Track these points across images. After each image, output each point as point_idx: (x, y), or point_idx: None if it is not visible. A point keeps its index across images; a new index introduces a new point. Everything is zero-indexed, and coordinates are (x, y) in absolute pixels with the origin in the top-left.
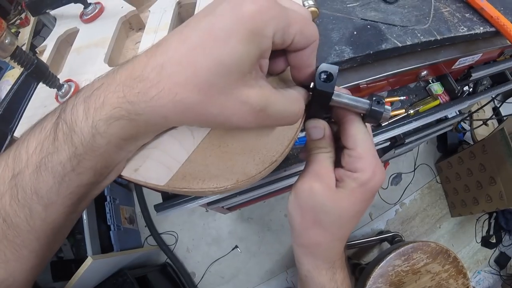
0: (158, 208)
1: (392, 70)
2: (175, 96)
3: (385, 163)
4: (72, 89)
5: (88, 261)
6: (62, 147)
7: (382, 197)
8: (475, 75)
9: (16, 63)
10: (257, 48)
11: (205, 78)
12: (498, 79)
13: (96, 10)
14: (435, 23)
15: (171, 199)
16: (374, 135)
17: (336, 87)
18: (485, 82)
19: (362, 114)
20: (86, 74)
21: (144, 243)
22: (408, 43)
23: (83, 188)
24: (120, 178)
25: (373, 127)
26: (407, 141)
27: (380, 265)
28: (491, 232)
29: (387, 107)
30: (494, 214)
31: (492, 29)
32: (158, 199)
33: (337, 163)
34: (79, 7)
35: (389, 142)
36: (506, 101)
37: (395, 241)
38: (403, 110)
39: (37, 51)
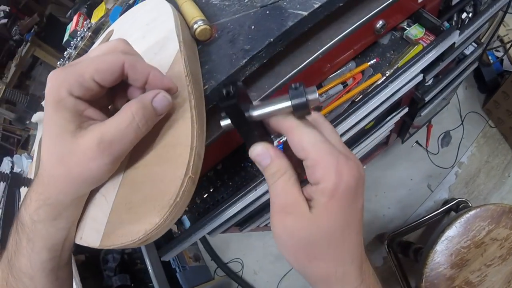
0: (161, 252)
1: (330, 41)
2: (51, 177)
3: (428, 126)
4: None
5: None
6: (21, 236)
7: (436, 164)
8: None
9: None
10: (65, 111)
11: (53, 154)
12: None
13: None
14: None
15: (170, 241)
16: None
17: (256, 102)
18: (465, 13)
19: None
20: None
21: (214, 275)
22: (317, 5)
23: (48, 263)
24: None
25: (348, 110)
26: (427, 99)
27: (434, 249)
28: None
29: (309, 89)
30: None
31: None
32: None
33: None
34: None
35: (407, 108)
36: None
37: (460, 208)
38: (379, 75)
39: (31, 155)
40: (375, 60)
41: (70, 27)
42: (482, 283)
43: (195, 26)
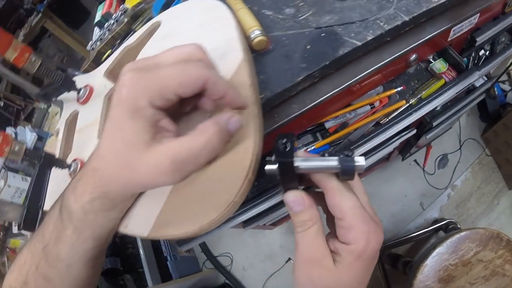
0: (181, 242)
1: (370, 68)
2: (115, 176)
3: (428, 147)
4: (79, 167)
5: None
6: (67, 224)
7: (431, 183)
8: (480, 39)
9: (29, 160)
10: (143, 120)
11: (119, 157)
12: None
13: (87, 93)
14: (401, 3)
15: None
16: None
17: (303, 153)
18: (503, 39)
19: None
20: (88, 152)
21: (203, 267)
22: (370, 38)
23: (90, 251)
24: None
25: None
26: (435, 123)
27: (425, 263)
28: None
29: (358, 158)
30: None
31: None
32: None
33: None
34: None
35: (415, 129)
36: None
37: (449, 229)
38: (404, 102)
39: (53, 134)
40: (401, 87)
41: (103, 8)
42: None
43: (252, 36)
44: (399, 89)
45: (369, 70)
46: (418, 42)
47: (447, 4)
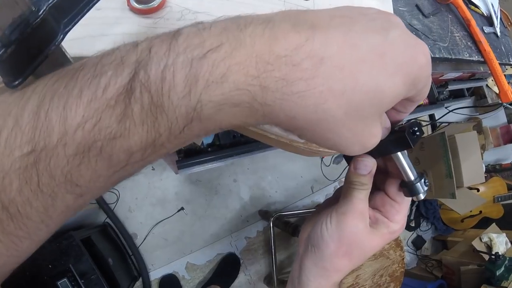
0: (180, 165)
1: None
2: (322, 103)
3: None
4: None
5: None
6: (137, 130)
7: (324, 173)
8: (451, 87)
9: None
10: (405, 94)
11: (359, 99)
12: (456, 93)
13: None
14: (451, 44)
15: (191, 156)
16: None
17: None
18: (444, 93)
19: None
20: None
21: None
22: (437, 55)
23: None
24: None
25: None
26: None
27: None
28: (412, 217)
29: (424, 191)
30: (416, 202)
31: (481, 59)
32: None
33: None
34: None
35: None
36: (453, 111)
37: None
38: None
39: None
40: None
41: None
42: (358, 270)
43: None
44: None
45: None
46: (435, 71)
47: (466, 60)
